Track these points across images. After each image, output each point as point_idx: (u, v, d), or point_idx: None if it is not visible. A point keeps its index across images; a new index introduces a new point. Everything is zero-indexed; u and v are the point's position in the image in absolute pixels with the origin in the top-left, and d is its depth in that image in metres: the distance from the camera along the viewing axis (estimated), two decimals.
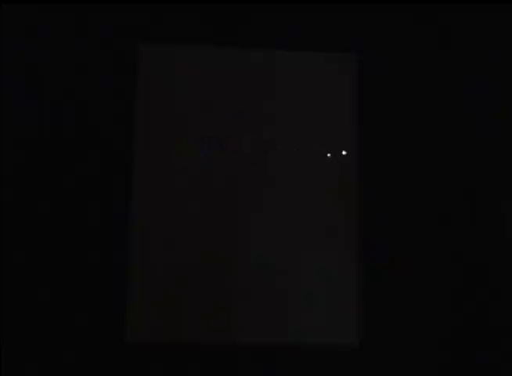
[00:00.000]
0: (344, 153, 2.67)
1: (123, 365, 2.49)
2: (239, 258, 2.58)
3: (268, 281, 2.58)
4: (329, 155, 2.66)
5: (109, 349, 2.49)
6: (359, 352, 2.58)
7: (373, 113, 2.70)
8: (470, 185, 2.68)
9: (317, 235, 2.62)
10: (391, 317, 2.59)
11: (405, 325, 2.59)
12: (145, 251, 2.55)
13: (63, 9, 2.61)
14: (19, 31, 2.58)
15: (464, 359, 2.58)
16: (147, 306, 2.53)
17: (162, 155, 2.61)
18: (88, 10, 2.63)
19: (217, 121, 2.64)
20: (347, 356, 2.57)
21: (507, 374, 2.57)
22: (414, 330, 2.59)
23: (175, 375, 2.51)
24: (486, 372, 2.57)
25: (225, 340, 2.54)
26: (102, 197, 2.56)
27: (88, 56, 2.61)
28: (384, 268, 2.61)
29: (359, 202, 2.65)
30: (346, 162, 2.67)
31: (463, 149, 2.70)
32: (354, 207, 2.64)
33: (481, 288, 2.62)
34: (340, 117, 2.70)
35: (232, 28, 2.68)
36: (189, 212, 2.59)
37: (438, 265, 2.62)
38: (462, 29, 2.75)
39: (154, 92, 2.63)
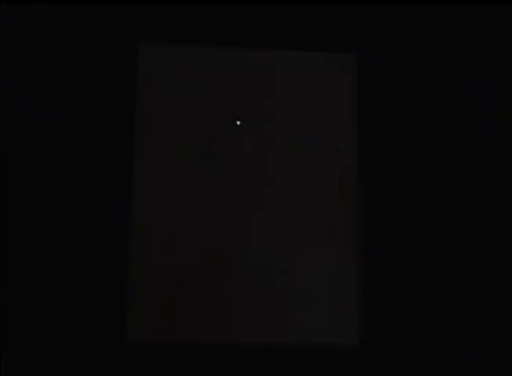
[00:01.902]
0: (344, 152, 2.66)
1: (123, 365, 2.48)
2: (239, 258, 2.57)
3: (268, 281, 2.57)
4: (329, 155, 2.66)
5: (109, 349, 2.48)
6: (359, 352, 2.57)
7: (373, 113, 2.69)
8: (470, 184, 2.67)
9: (317, 235, 2.61)
10: (391, 317, 2.59)
11: (405, 325, 2.58)
12: (145, 251, 2.54)
13: (63, 9, 2.60)
14: (19, 31, 2.57)
15: (464, 360, 2.58)
16: (147, 306, 2.52)
17: (162, 155, 2.60)
18: (88, 10, 2.62)
19: (217, 121, 2.64)
20: (347, 356, 2.56)
21: (507, 373, 2.56)
22: (414, 330, 2.58)
23: (175, 375, 2.50)
24: (486, 372, 2.57)
25: (225, 340, 2.53)
26: (102, 197, 2.55)
27: (88, 56, 2.60)
28: (383, 268, 2.60)
29: (359, 202, 2.64)
30: (346, 162, 2.66)
31: (463, 148, 2.70)
32: (354, 207, 2.63)
33: (481, 288, 2.61)
34: (340, 117, 2.69)
35: (232, 28, 2.67)
36: (189, 212, 2.58)
37: (438, 265, 2.62)
38: (462, 29, 2.74)
39: (154, 92, 2.63)
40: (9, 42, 2.56)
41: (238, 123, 2.53)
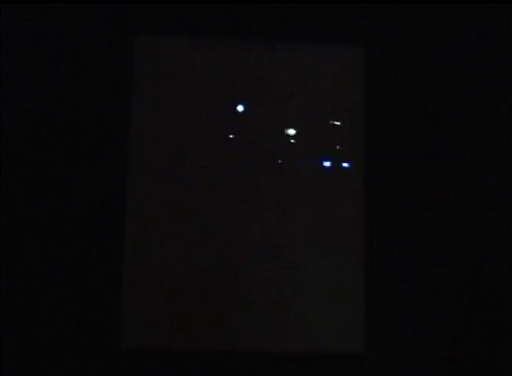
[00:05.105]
0: (349, 151, 2.60)
1: (118, 372, 2.45)
2: (240, 264, 2.51)
3: (271, 287, 2.51)
4: (333, 153, 2.60)
5: (104, 356, 2.44)
6: (364, 359, 2.52)
7: (380, 108, 2.64)
8: (473, 185, 2.64)
9: (321, 240, 2.54)
10: (397, 324, 2.55)
11: (411, 332, 2.54)
12: (142, 254, 2.49)
13: (63, 8, 2.57)
14: (20, 31, 2.54)
15: (471, 366, 2.54)
16: (143, 312, 2.47)
17: (160, 154, 2.54)
18: (89, 9, 2.59)
19: (217, 118, 2.57)
20: (351, 363, 2.52)
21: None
22: (420, 336, 2.54)
23: None
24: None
25: (225, 347, 2.47)
26: (96, 200, 2.52)
27: (86, 54, 2.57)
28: (390, 274, 2.56)
29: (366, 206, 2.57)
30: (352, 162, 2.59)
31: (469, 147, 2.65)
32: (361, 212, 2.56)
33: (489, 294, 2.58)
34: (345, 111, 2.61)
35: (234, 20, 2.62)
36: (188, 216, 2.52)
37: (445, 271, 2.58)
38: (467, 24, 2.71)
39: (150, 86, 2.57)
40: (9, 42, 2.54)
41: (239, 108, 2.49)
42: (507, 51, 2.71)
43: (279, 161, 2.57)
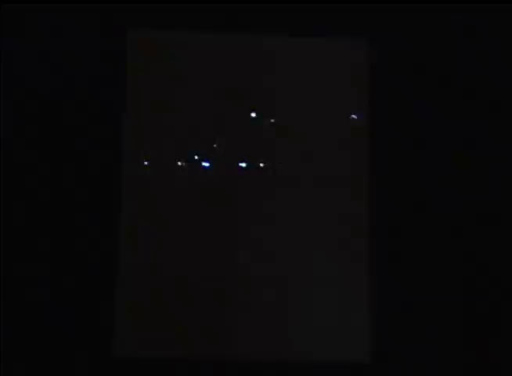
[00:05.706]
0: (355, 150, 2.58)
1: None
2: (239, 270, 2.46)
3: (273, 294, 2.46)
4: (339, 153, 2.57)
5: (96, 364, 2.41)
6: (371, 369, 2.48)
7: (380, 110, 2.62)
8: (476, 185, 2.62)
9: (327, 247, 2.50)
10: (404, 332, 2.51)
11: (418, 340, 2.51)
12: (135, 261, 2.45)
13: (63, 9, 2.56)
14: (20, 31, 2.53)
15: (474, 368, 2.51)
16: (136, 319, 2.43)
17: (153, 151, 2.51)
18: (87, 8, 2.57)
19: (216, 116, 2.54)
20: (358, 373, 2.48)
21: None
22: (428, 345, 2.51)
23: None
24: None
25: (224, 356, 2.42)
26: (89, 205, 2.49)
27: (85, 52, 2.56)
28: (396, 280, 2.53)
29: (372, 211, 2.55)
30: (358, 162, 2.57)
31: (473, 147, 2.64)
32: (367, 217, 2.53)
33: (498, 301, 2.55)
34: (350, 106, 2.59)
35: (234, 18, 2.59)
36: (185, 220, 2.48)
37: (454, 279, 2.55)
38: (467, 24, 2.69)
39: (144, 81, 2.54)
40: (9, 42, 2.52)
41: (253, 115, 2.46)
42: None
43: (279, 162, 2.54)
